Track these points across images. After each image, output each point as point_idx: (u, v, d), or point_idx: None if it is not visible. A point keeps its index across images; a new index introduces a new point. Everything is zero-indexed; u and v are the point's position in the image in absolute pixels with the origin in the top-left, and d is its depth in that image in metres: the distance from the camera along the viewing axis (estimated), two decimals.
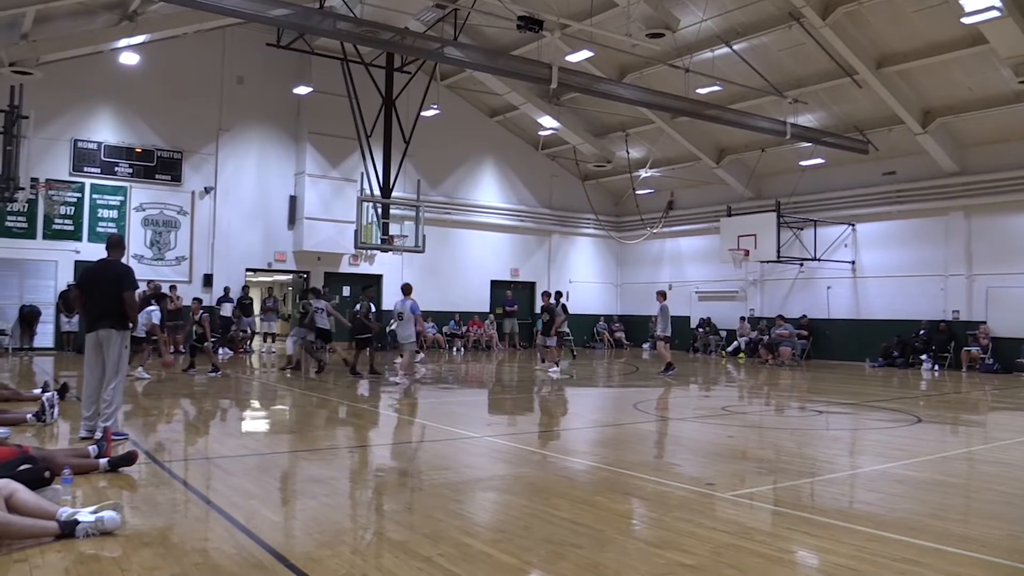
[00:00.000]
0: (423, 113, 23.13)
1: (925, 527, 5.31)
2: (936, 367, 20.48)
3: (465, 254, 27.28)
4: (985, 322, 20.38)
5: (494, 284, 28.03)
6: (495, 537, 4.92)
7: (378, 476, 6.96)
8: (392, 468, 7.39)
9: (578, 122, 26.71)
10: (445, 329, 25.98)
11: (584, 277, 30.30)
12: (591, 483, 6.73)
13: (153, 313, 14.69)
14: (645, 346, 27.95)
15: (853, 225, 23.53)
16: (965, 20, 15.80)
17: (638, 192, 28.34)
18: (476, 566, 4.27)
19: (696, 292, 27.93)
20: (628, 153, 26.65)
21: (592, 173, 29.32)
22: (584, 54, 19.68)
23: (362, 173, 22.01)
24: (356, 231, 21.48)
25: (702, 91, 20.43)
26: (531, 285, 29.02)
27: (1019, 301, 19.79)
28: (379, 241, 21.80)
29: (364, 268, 25.25)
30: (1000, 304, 20.30)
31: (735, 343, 25.11)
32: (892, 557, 4.61)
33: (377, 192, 22.17)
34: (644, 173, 27.01)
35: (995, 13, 15.16)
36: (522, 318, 27.74)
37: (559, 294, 19.59)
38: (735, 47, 19.65)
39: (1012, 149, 20.07)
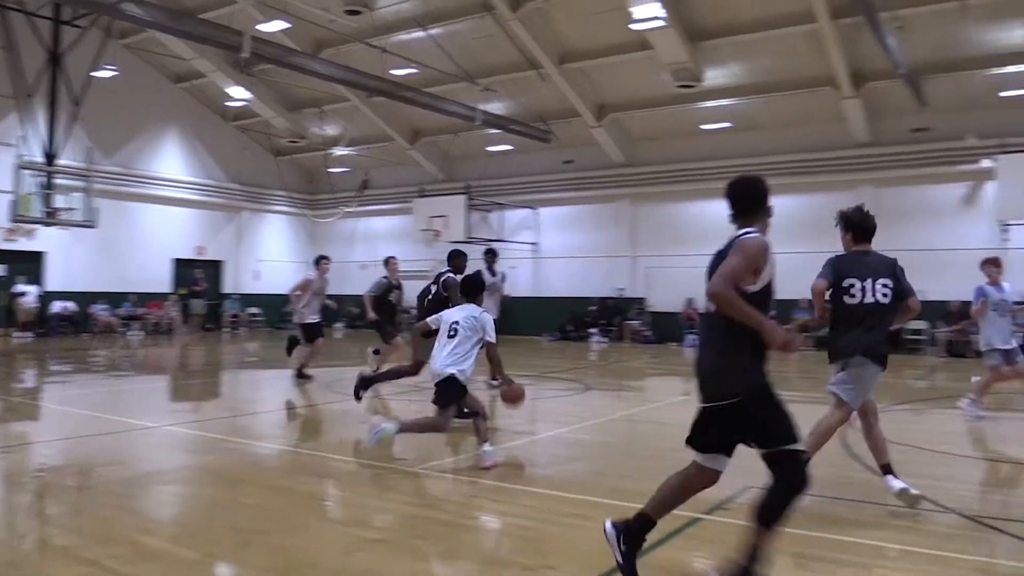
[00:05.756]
0: (96, 74, 20.92)
1: (594, 484, 5.87)
2: (605, 339, 22.61)
3: (144, 230, 25.18)
4: (645, 298, 22.90)
5: (178, 263, 26.22)
6: (175, 532, 4.67)
7: (38, 477, 6.26)
8: (55, 467, 6.67)
9: (271, 95, 25.74)
10: (120, 311, 23.91)
11: (275, 256, 29.35)
12: (280, 467, 6.60)
13: None
14: (337, 325, 27.74)
15: (536, 209, 25.16)
16: (634, 26, 17.50)
17: (332, 170, 28.02)
18: (153, 564, 4.02)
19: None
20: (322, 130, 26.21)
21: (285, 148, 28.45)
22: (279, 24, 18.97)
23: (21, 136, 19.46)
24: (13, 202, 19.04)
25: (398, 72, 20.61)
26: (219, 264, 27.60)
27: (674, 279, 22.41)
28: (42, 214, 19.49)
29: (23, 244, 22.38)
30: (658, 282, 22.88)
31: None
32: (565, 514, 5.06)
33: (40, 159, 19.75)
34: (339, 151, 26.74)
35: (660, 22, 17.09)
36: (210, 299, 26.34)
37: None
38: (431, 31, 20.03)
39: (672, 145, 22.70)
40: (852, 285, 5.13)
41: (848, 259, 5.30)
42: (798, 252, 20.36)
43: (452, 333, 6.47)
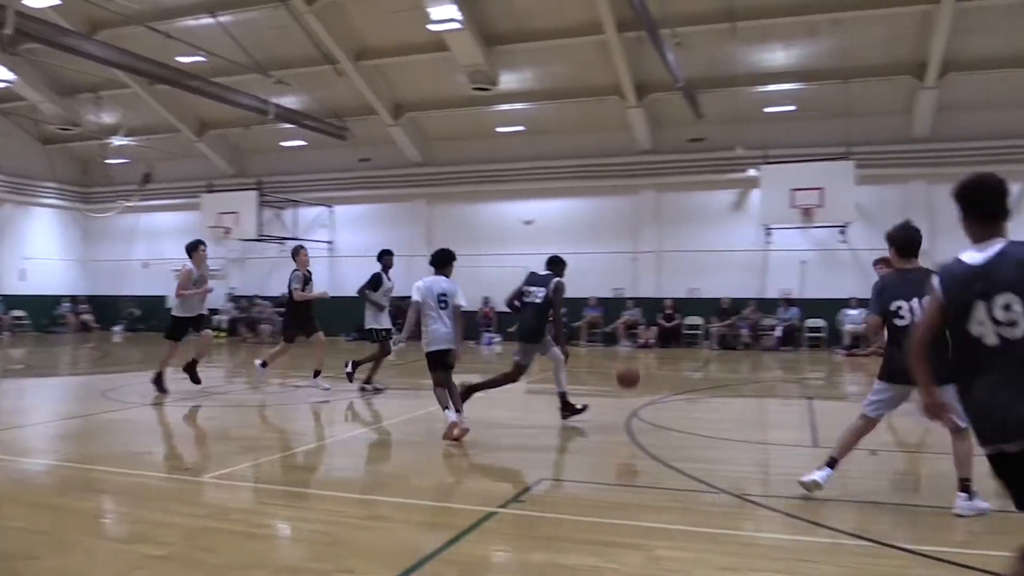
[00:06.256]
0: None
1: (389, 485, 5.87)
2: (404, 339, 22.56)
3: None
4: None
5: None
6: None
7: None
8: None
9: (39, 77, 23.49)
10: None
11: (43, 253, 26.85)
12: (50, 484, 6.07)
13: None
14: (116, 328, 25.85)
15: (331, 207, 24.71)
16: (431, 27, 17.62)
17: (110, 161, 26.07)
18: None
19: (174, 270, 26.65)
20: (99, 117, 24.29)
21: (55, 136, 26.09)
22: (49, 1, 17.39)
23: None
24: None
25: (184, 59, 19.46)
26: None
27: (470, 279, 22.58)
28: None
29: None
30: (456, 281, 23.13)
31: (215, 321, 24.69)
32: (361, 516, 5.03)
33: None
34: (117, 141, 24.90)
35: (456, 24, 17.31)
36: None
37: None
38: (220, 19, 19.10)
39: (468, 146, 22.95)
40: (900, 307, 5.18)
41: (890, 281, 5.39)
42: (588, 252, 21.48)
43: (443, 304, 7.29)
